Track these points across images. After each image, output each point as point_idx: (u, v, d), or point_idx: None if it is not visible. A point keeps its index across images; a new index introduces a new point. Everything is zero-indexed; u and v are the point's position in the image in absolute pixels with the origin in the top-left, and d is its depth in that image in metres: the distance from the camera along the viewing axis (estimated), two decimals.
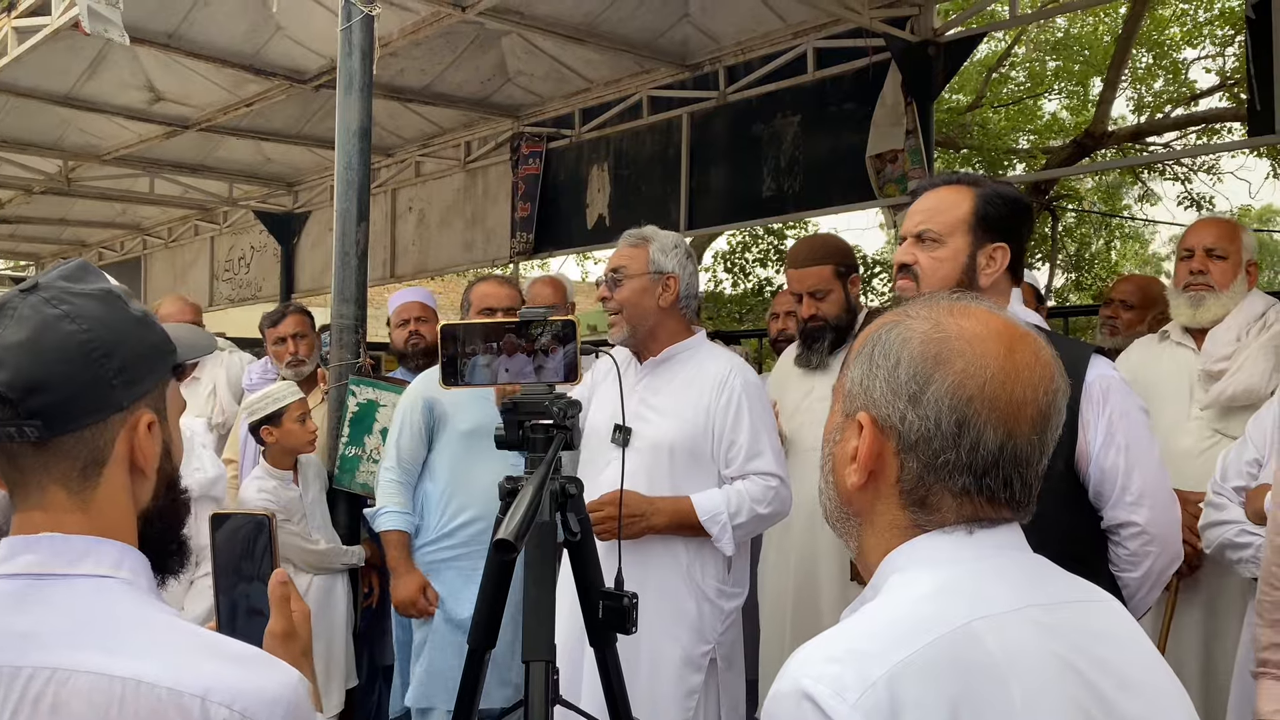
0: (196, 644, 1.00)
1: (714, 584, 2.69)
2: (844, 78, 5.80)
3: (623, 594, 1.93)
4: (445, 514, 3.30)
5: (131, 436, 1.08)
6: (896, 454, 1.03)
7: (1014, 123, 14.14)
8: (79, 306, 1.05)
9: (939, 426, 1.00)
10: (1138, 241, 19.42)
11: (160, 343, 1.12)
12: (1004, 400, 1.00)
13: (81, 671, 0.95)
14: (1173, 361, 3.13)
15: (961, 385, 0.99)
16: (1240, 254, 3.06)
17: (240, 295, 10.65)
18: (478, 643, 1.91)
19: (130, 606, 1.02)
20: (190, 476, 3.41)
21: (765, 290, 14.94)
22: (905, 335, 1.04)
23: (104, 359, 1.04)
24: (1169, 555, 1.97)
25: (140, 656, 0.96)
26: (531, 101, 7.21)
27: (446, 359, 1.89)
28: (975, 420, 0.99)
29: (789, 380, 3.46)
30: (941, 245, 2.03)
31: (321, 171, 8.87)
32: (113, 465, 1.07)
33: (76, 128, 7.37)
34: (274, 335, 4.27)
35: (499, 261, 8.30)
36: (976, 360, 1.00)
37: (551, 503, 1.82)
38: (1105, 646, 1.00)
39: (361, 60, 3.87)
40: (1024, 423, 1.00)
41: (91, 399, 1.04)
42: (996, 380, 1.00)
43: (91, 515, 1.05)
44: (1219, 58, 12.53)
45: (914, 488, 1.02)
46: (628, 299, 2.73)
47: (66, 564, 1.02)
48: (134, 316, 1.09)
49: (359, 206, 3.83)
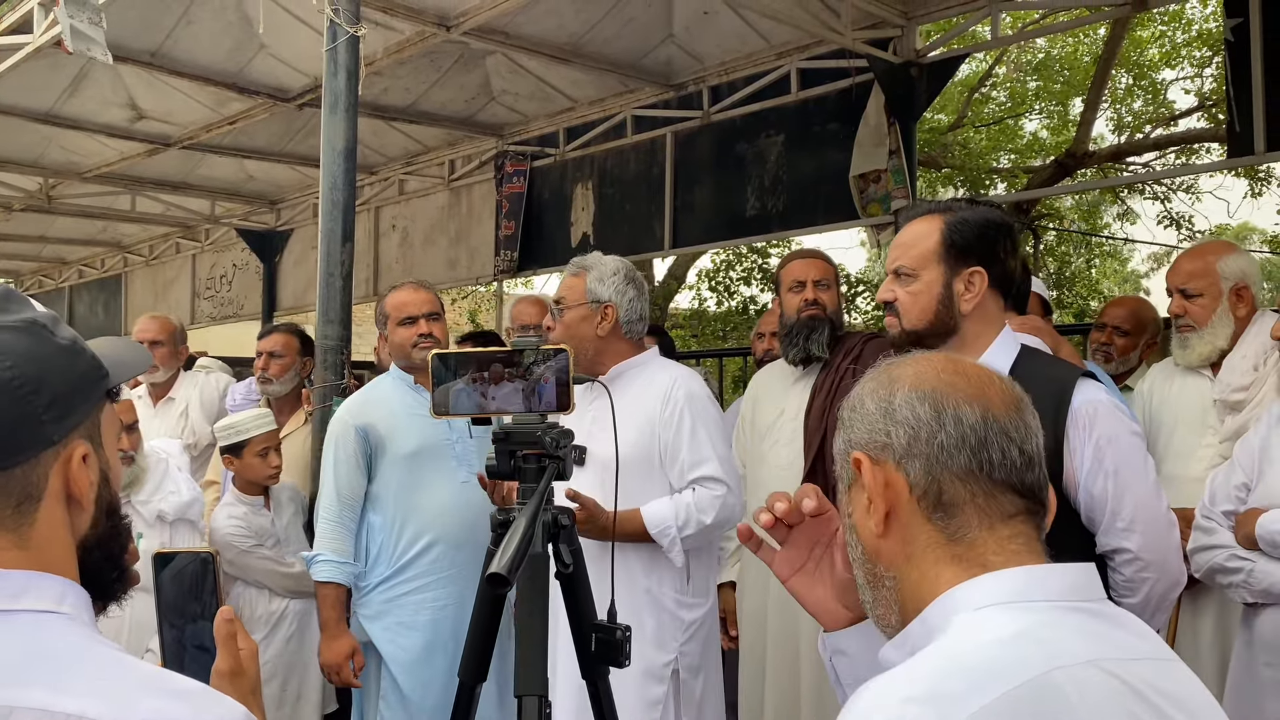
0: (141, 680, 0.97)
1: (671, 595, 2.71)
2: (827, 98, 5.84)
3: (615, 626, 1.91)
4: (399, 545, 3.11)
5: (66, 470, 1.05)
6: (899, 468, 1.06)
7: (995, 142, 14.24)
8: (2, 342, 1.01)
9: (919, 418, 1.06)
10: (1117, 260, 19.57)
11: (90, 370, 1.08)
12: (963, 385, 1.07)
13: (24, 709, 0.92)
14: (1187, 388, 3.09)
15: (919, 382, 1.08)
16: (1218, 284, 2.97)
17: (222, 313, 10.58)
18: (469, 677, 1.89)
19: (73, 642, 0.99)
20: (166, 500, 3.36)
21: (749, 309, 14.96)
22: (861, 393, 1.14)
23: (31, 395, 1.01)
24: (1168, 580, 1.93)
25: (85, 693, 0.93)
26: (516, 120, 7.21)
27: (437, 387, 1.87)
28: (946, 400, 1.05)
29: (764, 398, 3.46)
30: (916, 279, 2.05)
31: (304, 189, 8.84)
32: (48, 500, 1.04)
33: (58, 145, 7.32)
34: (257, 349, 4.27)
35: (483, 280, 8.29)
36: (923, 370, 1.10)
37: (544, 534, 1.80)
38: (1177, 709, 0.97)
39: (347, 80, 3.86)
40: (994, 400, 1.06)
41: (21, 437, 1.01)
42: (947, 375, 1.08)
43: (29, 552, 1.02)
44: (1198, 79, 12.68)
45: (926, 490, 1.05)
46: (566, 329, 2.80)
47: (7, 599, 0.98)
48: (60, 346, 1.05)
49: (344, 227, 3.81)
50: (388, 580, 3.12)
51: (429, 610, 3.09)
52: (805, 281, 3.30)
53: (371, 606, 3.12)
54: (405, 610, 3.09)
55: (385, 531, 3.12)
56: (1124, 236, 17.30)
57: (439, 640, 3.09)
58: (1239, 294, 2.97)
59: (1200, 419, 3.04)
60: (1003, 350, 2.02)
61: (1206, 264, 3.01)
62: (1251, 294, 2.98)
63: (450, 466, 3.13)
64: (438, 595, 3.10)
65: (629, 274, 2.85)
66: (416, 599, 3.09)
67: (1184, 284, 3.03)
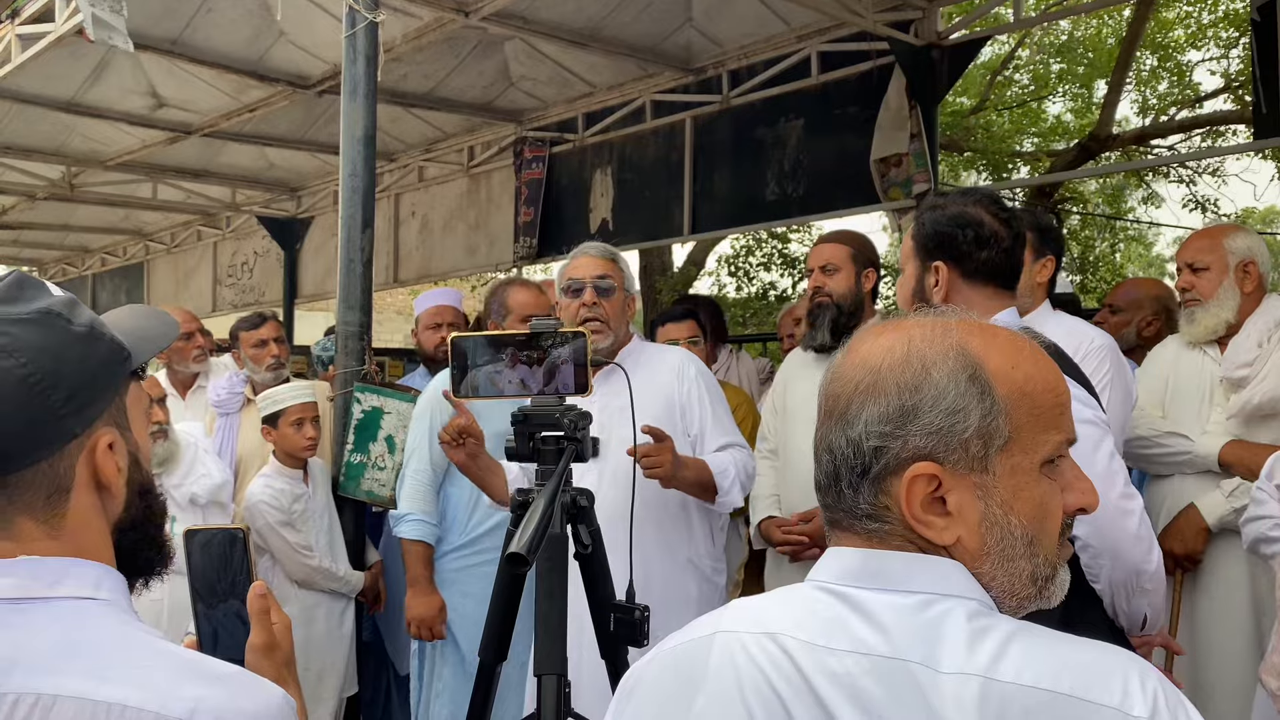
0: (180, 666, 0.98)
1: (708, 561, 2.89)
2: (848, 81, 5.79)
3: (634, 606, 1.91)
4: (472, 520, 3.29)
5: (92, 459, 1.05)
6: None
7: (1018, 125, 14.13)
8: (15, 337, 1.00)
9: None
10: (1142, 244, 19.40)
11: (110, 355, 1.07)
12: (829, 398, 1.04)
13: (66, 696, 0.93)
14: (1193, 366, 3.12)
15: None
16: (1224, 259, 3.02)
17: (244, 300, 10.64)
18: (489, 657, 1.90)
19: (112, 628, 1.00)
20: (198, 483, 3.40)
21: (769, 294, 14.92)
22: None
23: (48, 391, 1.00)
24: (1125, 567, 1.89)
25: (124, 681, 0.95)
26: (534, 106, 7.20)
27: (457, 370, 1.87)
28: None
29: (794, 381, 3.45)
30: (904, 270, 2.23)
31: (324, 176, 8.87)
32: (78, 489, 1.04)
33: (79, 134, 7.37)
34: (254, 338, 4.29)
35: (502, 266, 8.29)
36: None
37: (563, 515, 1.81)
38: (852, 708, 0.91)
39: (366, 66, 3.86)
40: (834, 414, 1.03)
41: (41, 435, 1.01)
42: (825, 385, 1.05)
43: (64, 541, 1.03)
44: (1223, 60, 12.51)
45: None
46: (614, 314, 2.87)
47: (45, 586, 0.99)
48: (77, 334, 1.04)
49: (364, 213, 3.82)
50: (458, 550, 3.29)
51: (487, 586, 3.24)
52: (814, 268, 3.31)
53: (442, 574, 3.29)
54: (472, 580, 3.25)
55: (460, 505, 3.29)
56: (1148, 220, 17.15)
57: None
58: (1245, 269, 3.01)
59: (1206, 398, 3.06)
60: None
61: (1214, 240, 3.08)
62: (1258, 269, 3.02)
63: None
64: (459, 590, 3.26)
65: None
66: (483, 571, 3.22)
67: (1191, 259, 3.09)
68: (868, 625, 0.94)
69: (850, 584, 0.97)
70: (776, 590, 1.05)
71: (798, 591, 1.01)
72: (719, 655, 0.98)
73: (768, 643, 0.97)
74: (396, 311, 21.26)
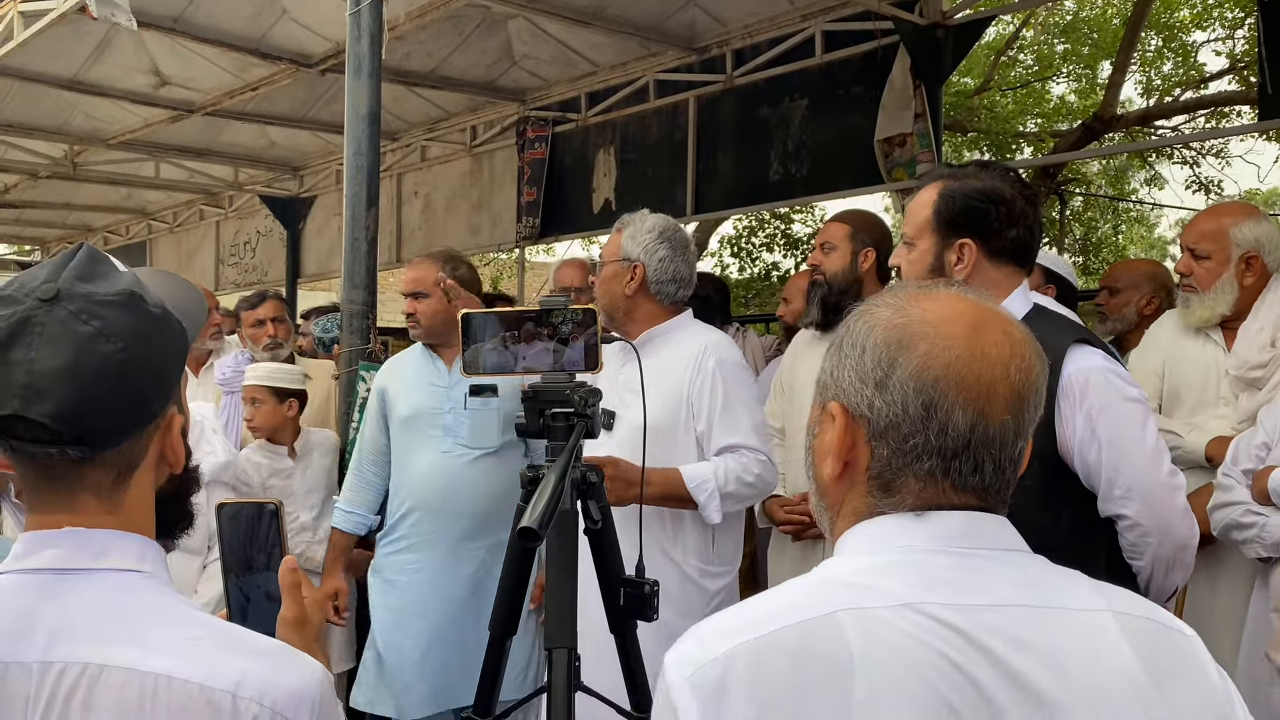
0: (223, 639, 1.00)
1: (695, 563, 2.69)
2: (852, 61, 5.77)
3: (644, 581, 1.93)
4: (392, 505, 3.26)
5: (164, 438, 1.08)
6: (868, 442, 1.01)
7: (1022, 106, 14.08)
8: (110, 321, 1.01)
9: (906, 411, 0.98)
10: (1145, 225, 19.36)
11: (179, 338, 1.09)
12: (972, 380, 0.97)
13: (113, 666, 0.95)
14: (1194, 351, 3.03)
15: (926, 367, 0.98)
16: (1227, 250, 2.86)
17: (246, 280, 10.64)
18: (498, 630, 1.91)
19: (156, 601, 1.02)
20: (203, 462, 3.42)
21: (772, 275, 14.91)
22: (870, 323, 1.03)
23: (141, 375, 1.02)
24: (1172, 543, 1.91)
25: (170, 652, 0.96)
26: (537, 85, 7.18)
27: (467, 347, 1.88)
28: (943, 402, 0.97)
29: (799, 364, 3.46)
30: (914, 247, 2.06)
31: (327, 156, 8.85)
32: (144, 467, 1.07)
33: (82, 112, 7.36)
34: (252, 318, 4.31)
35: (505, 246, 8.29)
36: (940, 342, 0.98)
37: (573, 491, 1.82)
38: (1028, 660, 0.92)
39: (370, 44, 3.85)
40: (996, 403, 0.98)
41: (133, 417, 1.03)
42: (962, 360, 0.98)
43: (119, 517, 1.05)
44: (1229, 40, 12.46)
45: (880, 473, 1.01)
46: (600, 285, 2.82)
47: (91, 558, 1.01)
48: (156, 318, 1.06)
49: (368, 192, 3.82)
50: (385, 537, 3.26)
51: (406, 573, 3.19)
52: (816, 246, 3.32)
53: (375, 560, 3.30)
54: (391, 568, 3.21)
55: (390, 491, 3.29)
56: (1152, 201, 17.11)
57: (411, 603, 3.17)
58: (1248, 262, 2.86)
59: (1212, 387, 2.98)
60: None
61: (1220, 226, 2.91)
62: (1262, 263, 2.87)
63: (435, 435, 3.19)
64: (412, 559, 3.19)
65: (666, 233, 2.80)
66: (399, 560, 3.20)
67: (1194, 243, 2.95)
68: (993, 580, 0.97)
69: (955, 546, 0.98)
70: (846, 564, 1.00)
71: (890, 558, 0.98)
72: (860, 636, 0.91)
73: (910, 614, 0.92)
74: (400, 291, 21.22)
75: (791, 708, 0.89)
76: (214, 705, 0.95)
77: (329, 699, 1.01)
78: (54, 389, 0.97)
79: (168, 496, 1.12)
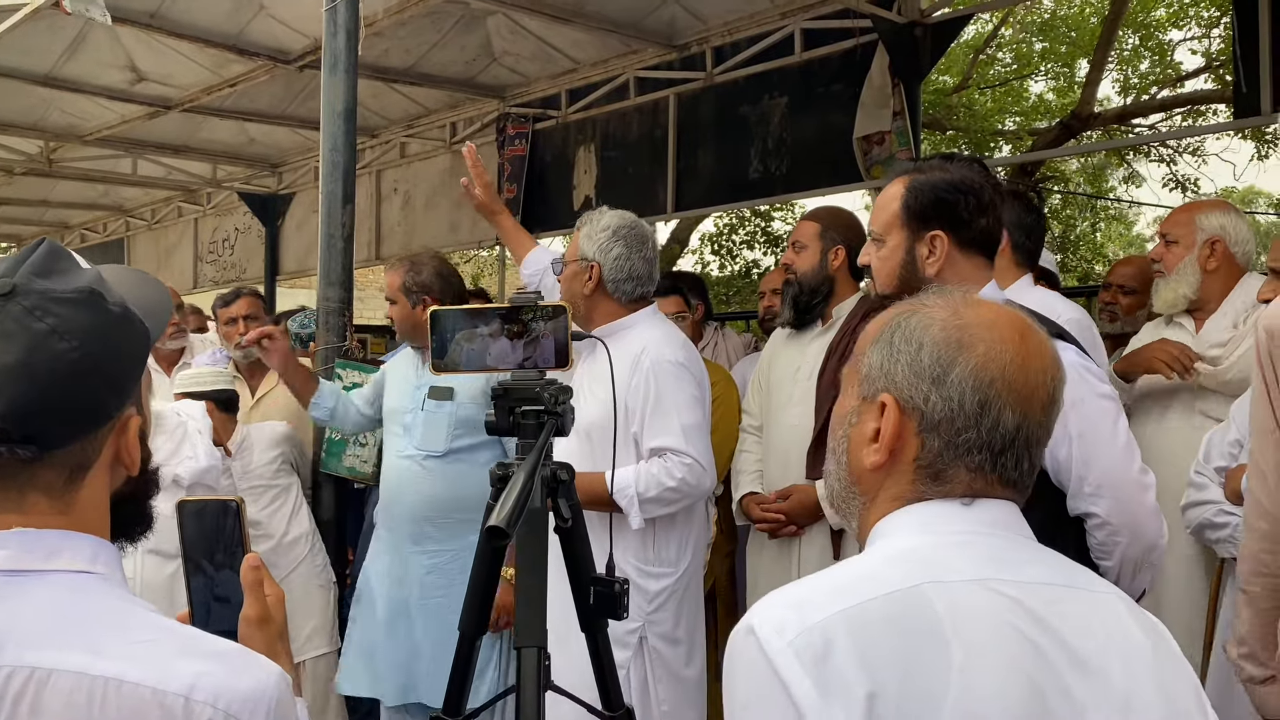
0: (177, 642, 0.99)
1: (633, 562, 2.67)
2: (831, 59, 5.78)
3: (614, 580, 1.92)
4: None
5: (120, 440, 1.06)
6: (918, 433, 1.08)
7: (1000, 104, 14.13)
8: (65, 319, 0.99)
9: (962, 407, 1.06)
10: (1122, 223, 19.49)
11: (140, 338, 1.07)
12: (1020, 384, 1.07)
13: (62, 670, 0.93)
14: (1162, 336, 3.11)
15: (984, 368, 1.06)
16: (1193, 234, 3.00)
17: (225, 277, 10.56)
18: (469, 628, 1.91)
19: (108, 603, 1.00)
20: (183, 465, 3.38)
21: (753, 272, 14.93)
22: (926, 322, 1.11)
23: (96, 375, 1.00)
24: (1141, 544, 1.89)
25: (122, 655, 0.95)
26: (517, 82, 7.16)
27: (436, 344, 1.88)
28: (996, 401, 1.06)
29: (780, 357, 3.45)
30: (883, 244, 2.06)
31: (306, 152, 8.80)
32: (98, 468, 1.05)
33: (57, 108, 7.28)
34: (225, 315, 4.30)
35: (485, 243, 8.27)
36: (996, 345, 1.07)
37: (542, 489, 1.81)
38: (1072, 631, 1.01)
39: (346, 40, 3.83)
40: (1036, 406, 1.08)
41: (86, 417, 1.01)
42: (1014, 365, 1.07)
43: (71, 516, 1.02)
44: (1205, 39, 12.55)
45: (931, 463, 1.08)
46: (562, 285, 2.84)
47: (40, 560, 0.99)
48: (116, 316, 1.03)
49: (344, 189, 3.80)
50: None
51: (372, 565, 3.34)
52: (789, 245, 3.32)
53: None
54: (368, 558, 3.39)
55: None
56: (1129, 199, 17.22)
57: (366, 593, 3.32)
58: (1212, 246, 2.99)
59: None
60: None
61: (1190, 214, 3.10)
62: (1226, 249, 2.98)
63: (397, 433, 3.28)
64: (376, 553, 3.34)
65: (620, 231, 2.78)
66: (371, 550, 3.38)
67: (1166, 230, 3.13)
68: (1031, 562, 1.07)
69: (1001, 531, 1.08)
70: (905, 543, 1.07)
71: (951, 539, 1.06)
72: (947, 606, 0.98)
73: (981, 589, 1.00)
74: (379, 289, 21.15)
75: (900, 671, 0.94)
76: (166, 709, 0.93)
77: (285, 700, 1.00)
78: (4, 386, 0.96)
79: (125, 498, 1.10)
